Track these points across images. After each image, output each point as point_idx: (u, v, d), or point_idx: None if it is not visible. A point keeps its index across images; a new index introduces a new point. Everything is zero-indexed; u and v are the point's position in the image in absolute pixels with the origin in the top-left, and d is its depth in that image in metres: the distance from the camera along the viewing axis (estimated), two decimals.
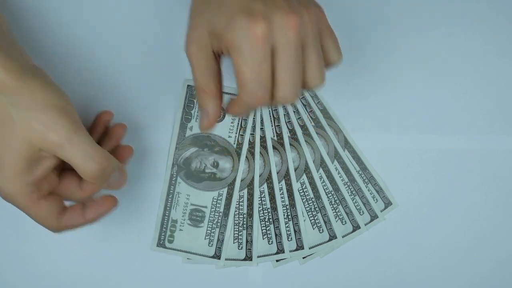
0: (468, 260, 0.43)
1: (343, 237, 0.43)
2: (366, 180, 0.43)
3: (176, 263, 0.42)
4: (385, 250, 0.43)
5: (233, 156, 0.43)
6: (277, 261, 0.43)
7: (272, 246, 0.43)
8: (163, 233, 0.42)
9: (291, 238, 0.43)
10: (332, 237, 0.43)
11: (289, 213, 0.43)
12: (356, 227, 0.43)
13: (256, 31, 0.29)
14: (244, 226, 0.43)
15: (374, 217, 0.43)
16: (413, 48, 0.44)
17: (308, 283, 0.43)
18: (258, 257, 0.42)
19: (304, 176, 0.43)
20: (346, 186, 0.43)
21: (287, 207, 0.43)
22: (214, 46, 0.32)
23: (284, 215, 0.43)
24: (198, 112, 0.42)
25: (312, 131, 0.43)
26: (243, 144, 0.43)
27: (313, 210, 0.43)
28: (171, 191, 0.42)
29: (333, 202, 0.43)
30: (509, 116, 0.44)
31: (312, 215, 0.43)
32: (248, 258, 0.42)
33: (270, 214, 0.43)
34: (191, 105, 0.43)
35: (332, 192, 0.43)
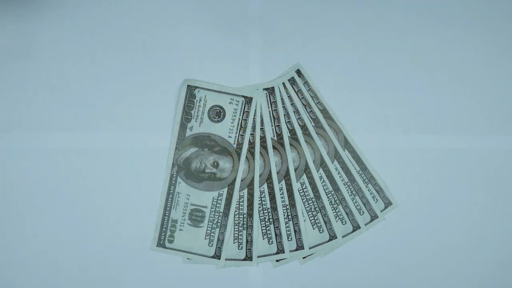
0: (468, 260, 0.43)
1: (343, 237, 0.43)
2: (366, 180, 0.43)
3: (176, 263, 0.42)
4: (385, 250, 0.43)
5: (233, 156, 0.43)
6: (277, 261, 0.43)
7: (272, 246, 0.43)
8: (163, 233, 0.42)
9: (291, 238, 0.43)
10: (332, 237, 0.43)
11: (289, 213, 0.43)
12: (356, 227, 0.43)
13: None
14: (244, 226, 0.43)
15: (374, 217, 0.43)
16: (413, 48, 0.44)
17: (308, 283, 0.43)
18: (258, 257, 0.42)
19: (304, 176, 0.43)
20: (346, 186, 0.43)
21: (287, 207, 0.43)
22: None
23: (284, 215, 0.43)
24: None
25: (312, 131, 0.43)
26: (243, 144, 0.43)
27: (313, 210, 0.43)
28: (171, 191, 0.42)
29: (333, 202, 0.43)
30: (509, 116, 0.44)
31: (312, 215, 0.43)
32: (248, 258, 0.42)
33: (270, 214, 0.43)
34: (191, 105, 0.43)
35: (332, 192, 0.43)
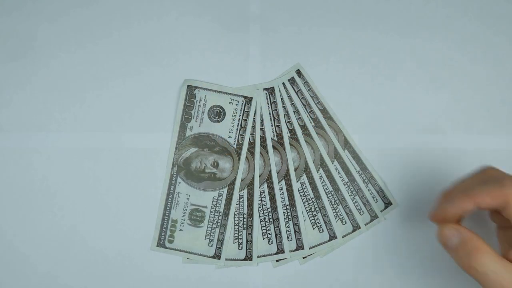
0: None
1: (343, 237, 0.43)
2: (366, 180, 0.43)
3: (176, 263, 0.42)
4: (385, 250, 0.43)
5: (233, 156, 0.43)
6: (277, 261, 0.43)
7: (272, 246, 0.43)
8: (163, 233, 0.42)
9: (291, 238, 0.43)
10: (332, 237, 0.43)
11: (289, 213, 0.43)
12: (356, 227, 0.43)
13: None
14: (244, 226, 0.43)
15: (374, 217, 0.43)
16: (413, 48, 0.44)
17: (308, 283, 0.43)
18: (258, 257, 0.42)
19: (304, 176, 0.43)
20: (346, 186, 0.43)
21: (287, 207, 0.43)
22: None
23: (284, 215, 0.43)
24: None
25: (312, 131, 0.43)
26: (243, 144, 0.43)
27: (313, 210, 0.43)
28: (171, 191, 0.42)
29: (333, 202, 0.43)
30: (509, 116, 0.44)
31: (312, 215, 0.43)
32: (248, 258, 0.42)
33: (270, 214, 0.43)
34: (191, 105, 0.43)
35: (332, 192, 0.43)
